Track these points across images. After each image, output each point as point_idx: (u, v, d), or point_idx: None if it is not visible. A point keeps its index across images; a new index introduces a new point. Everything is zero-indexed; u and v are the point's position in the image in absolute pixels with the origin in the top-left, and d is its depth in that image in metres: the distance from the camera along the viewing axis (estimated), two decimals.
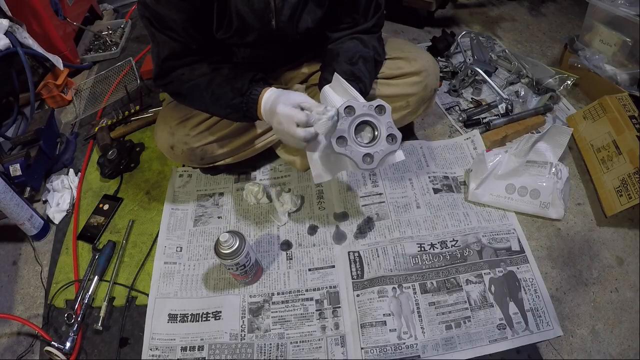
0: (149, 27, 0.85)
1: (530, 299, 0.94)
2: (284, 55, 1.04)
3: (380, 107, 0.78)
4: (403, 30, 1.78)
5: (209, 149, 1.05)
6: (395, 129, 0.79)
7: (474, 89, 1.43)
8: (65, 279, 1.04)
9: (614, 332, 0.91)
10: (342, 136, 0.76)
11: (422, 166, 1.20)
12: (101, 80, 1.59)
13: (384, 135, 0.78)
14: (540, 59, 1.56)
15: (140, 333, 0.94)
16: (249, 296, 0.98)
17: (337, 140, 0.75)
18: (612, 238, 1.05)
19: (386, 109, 0.78)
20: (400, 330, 0.90)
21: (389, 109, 0.79)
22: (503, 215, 1.08)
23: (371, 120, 0.78)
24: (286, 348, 0.90)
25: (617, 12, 1.26)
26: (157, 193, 1.21)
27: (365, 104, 0.78)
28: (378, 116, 0.78)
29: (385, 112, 0.79)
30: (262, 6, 0.85)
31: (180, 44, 0.86)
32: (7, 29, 1.28)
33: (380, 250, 1.01)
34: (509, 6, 1.88)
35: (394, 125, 0.79)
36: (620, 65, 1.32)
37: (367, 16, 0.95)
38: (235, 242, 0.85)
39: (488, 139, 1.24)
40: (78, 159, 1.34)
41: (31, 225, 1.11)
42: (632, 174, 1.03)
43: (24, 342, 0.97)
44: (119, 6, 2.08)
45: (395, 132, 0.78)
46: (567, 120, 1.31)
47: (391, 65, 1.05)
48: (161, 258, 1.05)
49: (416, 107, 1.08)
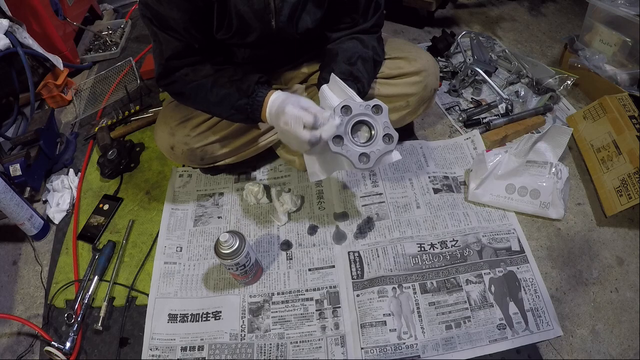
0: (150, 26, 0.85)
1: (530, 299, 0.94)
2: (284, 55, 1.04)
3: (377, 106, 0.78)
4: (403, 30, 1.78)
5: (210, 149, 1.05)
6: (392, 128, 0.79)
7: (474, 89, 1.43)
8: (65, 279, 1.04)
9: (614, 332, 0.91)
10: (339, 135, 0.76)
11: (422, 166, 1.20)
12: (101, 80, 1.59)
13: (381, 135, 0.78)
14: (540, 59, 1.56)
15: (140, 333, 0.94)
16: (249, 296, 0.98)
17: (333, 139, 0.75)
18: (612, 238, 1.05)
19: (383, 108, 0.79)
20: (400, 330, 0.90)
21: (386, 109, 0.79)
22: (503, 215, 1.08)
23: (368, 120, 0.78)
24: (286, 348, 0.90)
25: (617, 12, 1.26)
26: (157, 193, 1.21)
27: (362, 104, 0.78)
28: (375, 116, 0.78)
29: (382, 112, 0.79)
30: (262, 6, 0.85)
31: (182, 44, 0.86)
32: (7, 29, 1.28)
33: (380, 250, 1.02)
34: (509, 6, 1.88)
35: (391, 125, 0.79)
36: (620, 65, 1.32)
37: (367, 16, 0.95)
38: (235, 242, 0.85)
39: (488, 139, 1.24)
40: (78, 159, 1.34)
41: (31, 225, 1.11)
42: (632, 174, 1.03)
43: (24, 342, 0.97)
44: (119, 6, 2.08)
45: (392, 131, 0.78)
46: (567, 120, 1.31)
47: (391, 65, 1.05)
48: (161, 258, 1.05)
49: (416, 107, 1.08)
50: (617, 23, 1.29)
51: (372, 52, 0.95)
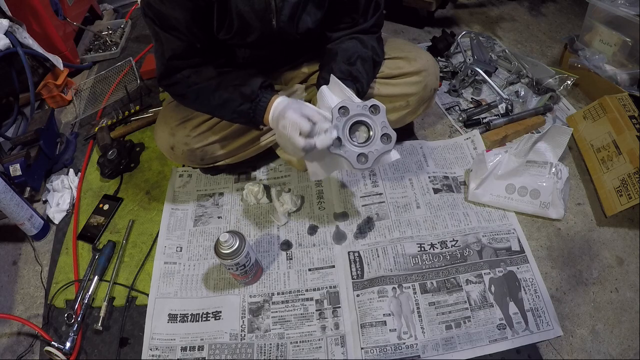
0: (152, 26, 0.85)
1: (530, 299, 0.94)
2: (285, 55, 1.04)
3: (375, 106, 0.79)
4: (403, 30, 1.78)
5: (210, 149, 1.05)
6: (389, 128, 0.79)
7: (474, 89, 1.43)
8: (65, 279, 1.04)
9: (614, 332, 0.91)
10: (337, 137, 0.76)
11: (422, 166, 1.20)
12: (101, 80, 1.59)
13: (379, 134, 0.78)
14: (540, 59, 1.56)
15: (140, 333, 0.94)
16: (249, 296, 0.98)
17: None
18: (612, 238, 1.05)
19: (380, 108, 0.79)
20: (400, 330, 0.90)
21: (384, 109, 0.79)
22: (503, 215, 1.08)
23: (366, 120, 0.78)
24: (286, 348, 0.90)
25: (617, 12, 1.26)
26: (157, 193, 1.21)
27: (360, 104, 0.78)
28: (372, 116, 0.78)
29: (380, 112, 0.79)
30: (263, 6, 0.85)
31: (184, 43, 0.86)
32: (7, 29, 1.28)
33: (380, 250, 1.01)
34: (509, 6, 1.88)
35: (389, 125, 0.79)
36: (620, 65, 1.32)
37: (367, 16, 0.95)
38: (235, 242, 0.85)
39: (488, 139, 1.24)
40: (78, 159, 1.34)
41: (31, 225, 1.11)
42: (632, 174, 1.03)
43: (24, 342, 0.97)
44: (119, 6, 2.08)
45: (389, 131, 0.79)
46: (567, 120, 1.31)
47: (391, 65, 1.05)
48: (161, 258, 1.05)
49: (416, 107, 1.08)
50: (617, 23, 1.29)
51: (372, 52, 0.95)
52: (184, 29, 0.83)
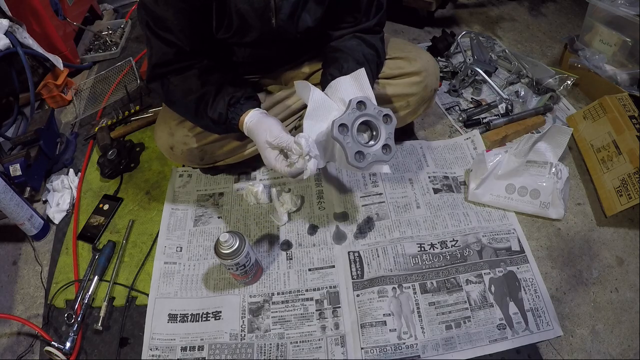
0: (145, 30, 0.86)
1: (530, 299, 0.94)
2: (285, 54, 1.04)
3: (388, 116, 0.80)
4: (403, 30, 1.78)
5: (209, 149, 1.05)
6: (393, 141, 0.80)
7: (474, 89, 1.43)
8: (65, 279, 1.04)
9: (614, 332, 0.91)
10: (345, 124, 0.76)
11: (422, 166, 1.20)
12: (101, 80, 1.59)
13: (382, 143, 0.80)
14: (540, 59, 1.56)
15: (140, 333, 0.94)
16: (249, 296, 0.98)
17: (339, 127, 0.76)
18: (612, 238, 1.05)
19: (392, 120, 0.80)
20: (400, 330, 0.90)
21: (394, 122, 0.81)
22: (503, 215, 1.08)
23: (375, 124, 0.79)
24: (286, 348, 0.90)
25: (617, 12, 1.26)
26: (157, 193, 1.21)
27: (376, 108, 0.79)
28: (383, 123, 0.79)
29: (391, 123, 0.81)
30: (262, 5, 0.84)
31: (173, 49, 0.86)
32: (7, 29, 1.28)
33: (380, 250, 1.01)
34: (509, 6, 1.88)
35: (393, 138, 0.80)
36: (620, 65, 1.32)
37: (369, 15, 0.94)
38: (235, 242, 0.85)
39: (488, 139, 1.24)
40: (78, 159, 1.34)
41: (31, 225, 1.11)
42: (632, 174, 1.03)
43: (24, 342, 0.97)
44: (119, 6, 2.08)
45: (392, 144, 0.80)
46: (567, 120, 1.31)
47: (391, 65, 1.04)
48: (161, 258, 1.05)
49: (416, 107, 1.08)
50: (617, 23, 1.29)
51: (375, 52, 0.95)
52: (177, 31, 0.83)
